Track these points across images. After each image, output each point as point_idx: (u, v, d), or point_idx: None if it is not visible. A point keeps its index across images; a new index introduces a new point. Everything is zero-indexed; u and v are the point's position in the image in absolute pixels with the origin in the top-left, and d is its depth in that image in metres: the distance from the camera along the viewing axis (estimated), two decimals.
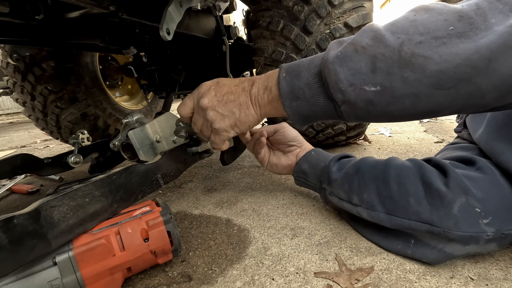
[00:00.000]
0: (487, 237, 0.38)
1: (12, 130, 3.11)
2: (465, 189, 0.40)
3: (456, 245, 0.41)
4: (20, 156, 0.64)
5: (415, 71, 0.31)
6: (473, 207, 0.39)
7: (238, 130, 0.46)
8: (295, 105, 0.40)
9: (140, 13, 0.62)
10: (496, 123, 0.47)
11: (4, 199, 0.88)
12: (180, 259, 0.49)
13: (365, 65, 0.33)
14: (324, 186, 0.57)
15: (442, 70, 0.30)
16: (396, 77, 0.32)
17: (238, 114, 0.44)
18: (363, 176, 0.50)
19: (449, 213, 0.40)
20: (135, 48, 0.93)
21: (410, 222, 0.43)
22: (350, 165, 0.54)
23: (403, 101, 0.33)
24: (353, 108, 0.36)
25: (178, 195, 0.78)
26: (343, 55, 0.35)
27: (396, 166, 0.47)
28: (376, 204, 0.47)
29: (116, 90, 1.52)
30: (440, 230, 0.40)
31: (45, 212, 0.35)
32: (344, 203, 0.52)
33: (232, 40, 1.09)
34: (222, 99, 0.45)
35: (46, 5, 0.59)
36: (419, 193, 0.43)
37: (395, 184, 0.45)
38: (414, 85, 0.31)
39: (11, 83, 1.17)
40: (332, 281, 0.41)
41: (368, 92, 0.33)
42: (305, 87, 0.39)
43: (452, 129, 1.39)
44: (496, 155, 0.45)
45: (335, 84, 0.35)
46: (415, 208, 0.42)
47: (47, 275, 0.35)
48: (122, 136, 0.58)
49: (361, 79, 0.33)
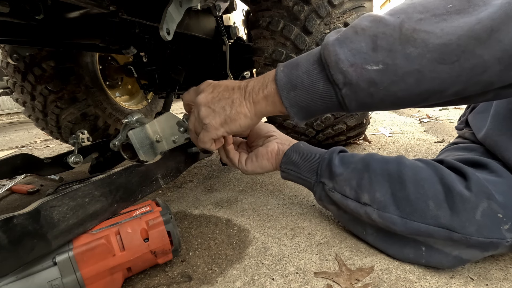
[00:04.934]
0: (507, 243, 0.37)
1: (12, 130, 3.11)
2: (487, 193, 0.38)
3: (475, 251, 0.39)
4: (20, 156, 0.64)
5: (417, 47, 0.30)
6: (495, 213, 0.37)
7: (228, 128, 0.44)
8: (293, 96, 0.38)
9: (140, 13, 0.62)
10: (500, 118, 0.47)
11: (4, 199, 0.88)
12: (180, 259, 0.49)
13: (365, 45, 0.33)
14: (323, 181, 0.51)
15: (445, 43, 0.29)
16: (398, 54, 0.31)
17: (229, 111, 0.43)
18: (374, 173, 0.45)
19: (471, 219, 0.38)
20: (135, 48, 0.93)
21: (427, 227, 0.40)
22: (357, 159, 0.49)
23: (407, 79, 0.32)
24: (354, 90, 0.34)
25: (178, 195, 0.78)
26: (343, 37, 0.34)
27: (411, 165, 0.44)
28: (389, 205, 0.43)
29: (116, 90, 1.52)
30: (462, 236, 0.38)
31: (45, 212, 0.35)
32: (349, 202, 0.47)
33: (232, 40, 1.09)
34: (217, 96, 0.44)
35: (46, 5, 0.59)
36: (438, 196, 0.40)
37: (411, 185, 0.42)
38: (417, 61, 0.31)
39: (11, 83, 1.17)
40: (332, 281, 0.41)
41: (370, 71, 0.32)
42: (303, 75, 0.37)
43: (452, 129, 1.38)
44: (501, 150, 0.44)
45: (335, 65, 0.34)
46: (434, 212, 0.39)
47: (47, 275, 0.35)
48: (122, 136, 0.58)
49: (363, 59, 0.33)
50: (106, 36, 0.82)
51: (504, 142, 0.44)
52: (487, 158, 0.46)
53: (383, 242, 0.46)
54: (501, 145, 0.44)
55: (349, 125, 0.96)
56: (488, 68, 0.29)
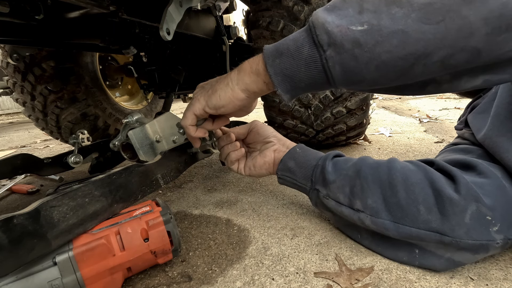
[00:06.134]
0: (497, 244, 0.38)
1: (12, 130, 3.11)
2: (476, 196, 0.39)
3: (466, 254, 0.40)
4: (20, 156, 0.64)
5: (402, 7, 0.31)
6: (484, 215, 0.38)
7: (209, 101, 0.43)
8: (278, 63, 0.38)
9: (140, 13, 0.62)
10: (500, 120, 0.47)
11: (4, 199, 0.88)
12: (180, 259, 0.49)
13: (352, 10, 0.33)
14: (318, 188, 0.52)
15: (429, 2, 0.29)
16: (383, 14, 0.32)
17: (214, 84, 0.44)
18: (366, 179, 0.46)
19: (461, 222, 0.38)
20: (135, 48, 0.93)
21: (418, 231, 0.41)
22: (349, 165, 0.50)
23: (391, 40, 0.32)
24: (339, 51, 0.34)
25: (178, 195, 0.78)
26: (331, 6, 0.36)
27: (402, 170, 0.45)
28: (381, 211, 0.44)
29: (116, 90, 1.52)
30: (452, 239, 0.39)
31: (45, 212, 0.35)
32: (343, 208, 0.48)
33: (232, 40, 1.09)
34: (214, 80, 0.46)
35: (46, 5, 0.59)
36: (429, 201, 0.41)
37: (402, 190, 0.43)
38: (402, 21, 0.31)
39: (11, 83, 1.17)
40: (332, 281, 0.41)
41: (355, 31, 0.33)
42: (290, 42, 0.38)
43: (452, 129, 1.39)
44: (500, 152, 0.44)
45: (321, 26, 0.34)
46: (425, 217, 0.40)
47: (47, 275, 0.35)
48: (122, 136, 0.58)
49: (348, 21, 0.33)
50: (106, 36, 0.82)
51: (504, 144, 0.44)
52: (484, 160, 0.47)
53: (378, 246, 0.47)
54: (501, 146, 0.44)
55: (349, 125, 0.96)
56: (475, 30, 0.29)
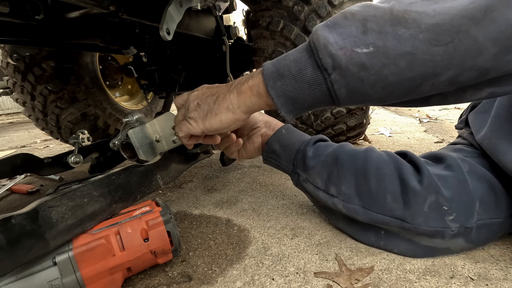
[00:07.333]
0: (452, 232, 0.42)
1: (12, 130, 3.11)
2: (436, 188, 0.43)
3: (423, 237, 0.44)
4: (20, 155, 0.64)
5: (409, 27, 0.29)
6: (441, 206, 0.42)
7: (209, 124, 0.43)
8: (279, 85, 0.37)
9: (140, 13, 0.62)
10: (500, 121, 0.46)
11: (4, 199, 0.88)
12: (180, 259, 0.49)
13: (355, 29, 0.32)
14: (299, 172, 0.55)
15: (438, 23, 0.28)
16: (389, 35, 0.30)
17: (212, 105, 0.42)
18: (342, 167, 0.49)
19: (420, 211, 0.43)
20: (135, 48, 0.93)
21: (383, 217, 0.45)
22: (328, 152, 0.52)
23: (398, 62, 0.31)
24: (344, 75, 0.33)
25: (178, 195, 0.78)
26: (332, 22, 0.34)
27: (376, 160, 0.48)
28: (353, 197, 0.48)
29: (116, 90, 1.52)
30: (411, 226, 0.43)
31: (43, 212, 0.35)
32: (320, 192, 0.52)
33: (232, 40, 1.09)
34: (206, 93, 0.44)
35: (46, 5, 0.59)
36: (395, 191, 0.45)
37: (374, 180, 0.46)
38: (409, 42, 0.30)
39: (11, 83, 1.17)
40: (332, 281, 0.41)
41: (360, 54, 0.31)
42: (291, 63, 0.36)
43: (452, 129, 1.38)
44: (498, 154, 0.44)
45: (324, 48, 0.33)
46: (390, 205, 0.45)
47: (47, 275, 0.35)
48: (122, 135, 0.58)
49: (352, 42, 0.32)
50: (106, 36, 0.82)
51: (502, 146, 0.44)
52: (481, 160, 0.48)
53: (349, 227, 0.51)
54: (499, 148, 0.44)
55: (349, 125, 0.96)
56: (483, 50, 0.28)
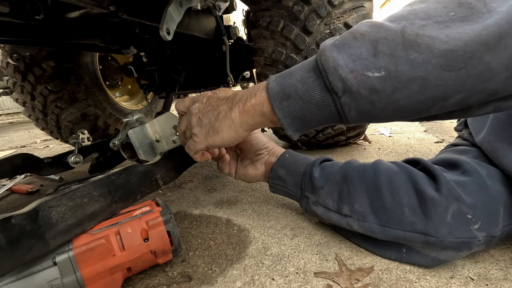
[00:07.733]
0: (478, 242, 0.39)
1: (12, 130, 3.11)
2: (456, 195, 0.40)
3: (450, 252, 0.41)
4: (20, 155, 0.64)
5: (422, 52, 0.29)
6: (465, 214, 0.39)
7: (212, 141, 0.42)
8: (286, 105, 0.36)
9: (140, 13, 0.62)
10: (499, 124, 0.47)
11: (4, 199, 0.88)
12: (180, 259, 0.49)
13: (366, 51, 0.31)
14: (307, 195, 0.52)
15: (451, 49, 0.28)
16: (401, 60, 0.30)
17: (214, 122, 0.41)
18: (352, 184, 0.47)
19: (443, 222, 0.40)
20: (135, 48, 0.93)
21: (405, 233, 0.42)
22: (335, 170, 0.50)
23: (410, 86, 0.30)
24: (355, 98, 0.32)
25: (178, 195, 0.78)
26: (341, 42, 0.33)
27: (386, 172, 0.45)
28: (368, 215, 0.45)
29: (116, 90, 1.52)
30: (436, 239, 0.40)
31: (43, 212, 0.35)
32: (331, 214, 0.49)
33: (232, 40, 1.09)
34: (208, 107, 0.43)
35: (46, 5, 0.59)
36: (413, 203, 0.42)
37: (387, 194, 0.44)
38: (422, 67, 0.29)
39: (11, 83, 1.17)
40: (332, 281, 0.41)
41: (372, 78, 0.31)
42: (298, 83, 0.35)
43: (452, 129, 1.38)
44: (498, 157, 0.44)
45: (334, 71, 0.32)
46: (409, 219, 0.41)
47: (47, 275, 0.35)
48: (122, 135, 0.58)
49: (363, 65, 0.31)
50: (106, 36, 0.82)
51: (502, 149, 0.44)
52: (482, 161, 0.47)
53: (368, 245, 0.48)
54: (499, 151, 0.44)
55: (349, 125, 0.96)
56: (495, 75, 0.28)
